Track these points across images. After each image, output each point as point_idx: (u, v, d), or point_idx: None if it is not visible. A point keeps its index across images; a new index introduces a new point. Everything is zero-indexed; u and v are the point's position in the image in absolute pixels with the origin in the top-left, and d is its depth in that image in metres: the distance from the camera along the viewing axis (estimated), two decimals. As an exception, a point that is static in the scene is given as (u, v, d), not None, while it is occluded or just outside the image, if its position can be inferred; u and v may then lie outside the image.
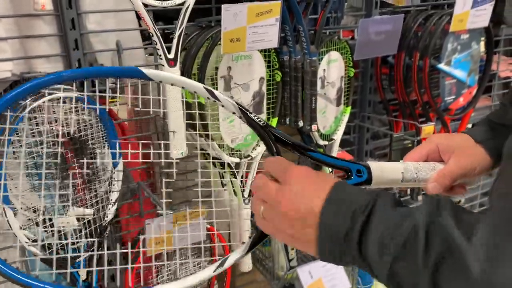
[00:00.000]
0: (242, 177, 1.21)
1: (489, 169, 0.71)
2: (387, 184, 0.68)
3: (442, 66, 1.45)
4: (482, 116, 2.11)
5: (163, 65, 0.95)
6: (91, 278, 1.01)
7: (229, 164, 1.16)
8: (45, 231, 0.95)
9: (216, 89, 1.08)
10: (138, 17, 1.22)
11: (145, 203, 1.28)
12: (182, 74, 1.04)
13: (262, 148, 1.21)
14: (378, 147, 1.87)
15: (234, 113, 0.69)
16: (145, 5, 0.92)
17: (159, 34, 0.93)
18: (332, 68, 1.33)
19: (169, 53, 0.94)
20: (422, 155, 0.71)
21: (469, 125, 2.03)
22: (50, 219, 0.95)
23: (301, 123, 1.25)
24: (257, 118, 0.68)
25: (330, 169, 0.70)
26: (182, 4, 0.96)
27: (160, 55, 0.94)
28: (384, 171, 0.66)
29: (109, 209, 1.02)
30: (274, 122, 1.22)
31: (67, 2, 1.02)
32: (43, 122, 0.88)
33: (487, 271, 0.41)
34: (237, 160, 1.16)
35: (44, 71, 1.07)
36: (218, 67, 1.06)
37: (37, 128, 0.87)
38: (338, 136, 1.42)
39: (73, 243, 0.97)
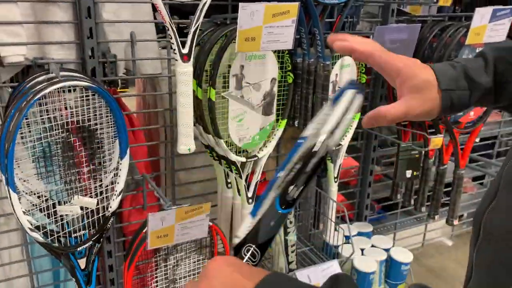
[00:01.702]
0: (247, 177, 1.20)
1: (432, 115, 0.68)
2: None
3: (455, 78, 1.43)
4: (492, 130, 2.07)
5: (177, 60, 0.94)
6: (91, 268, 1.01)
7: (234, 163, 1.15)
8: (48, 217, 0.95)
9: (228, 87, 1.08)
10: (154, 9, 1.22)
11: (148, 196, 1.28)
12: (195, 70, 1.04)
13: (269, 149, 1.21)
14: (385, 155, 1.86)
15: None
16: (163, -1, 0.92)
17: (174, 28, 0.93)
18: (344, 73, 1.32)
19: (183, 47, 0.94)
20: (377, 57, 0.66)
21: (477, 139, 2.01)
22: (54, 206, 0.95)
23: (309, 127, 1.24)
24: None
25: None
26: (200, -1, 0.95)
27: (174, 49, 0.93)
28: None
29: (113, 199, 1.02)
30: (283, 124, 1.21)
31: (84, -10, 1.02)
32: (53, 109, 0.88)
33: None
34: (243, 159, 1.16)
35: (57, 57, 1.07)
36: (231, 65, 1.06)
37: (47, 115, 0.87)
38: (345, 142, 1.41)
39: (75, 232, 0.97)
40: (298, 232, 1.56)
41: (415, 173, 1.55)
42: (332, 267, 1.34)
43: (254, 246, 0.53)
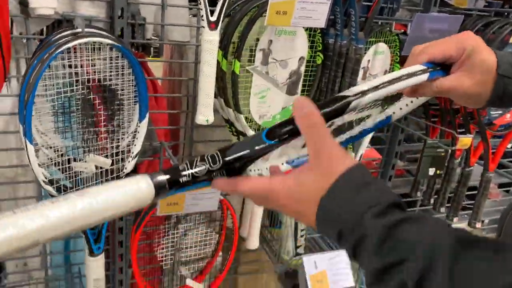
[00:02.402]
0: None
1: (479, 102, 0.65)
2: None
3: (494, 77, 1.36)
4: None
5: (204, 27, 0.92)
6: (101, 227, 1.01)
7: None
8: (63, 172, 0.95)
9: (253, 61, 1.05)
10: (188, -26, 1.19)
11: (164, 163, 1.28)
12: (222, 40, 1.01)
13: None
14: (410, 151, 1.81)
15: None
16: (196, -38, 0.89)
17: (204, -6, 0.90)
18: (377, 60, 1.27)
19: (211, 15, 0.91)
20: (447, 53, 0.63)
21: (510, 145, 1.93)
22: (69, 162, 0.95)
23: (334, 111, 1.20)
24: None
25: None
26: (234, -33, 0.92)
27: (202, 16, 0.91)
28: None
29: (128, 161, 1.02)
30: (306, 105, 1.18)
31: None
32: (75, 64, 0.87)
33: None
34: (262, 137, 1.14)
35: (86, 14, 1.06)
36: (259, 38, 1.03)
37: (69, 69, 0.87)
38: (369, 135, 1.37)
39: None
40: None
41: (438, 171, 1.50)
42: (340, 257, 1.31)
43: (220, 154, 0.52)
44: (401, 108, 0.73)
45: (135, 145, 1.02)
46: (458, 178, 1.60)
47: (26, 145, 0.83)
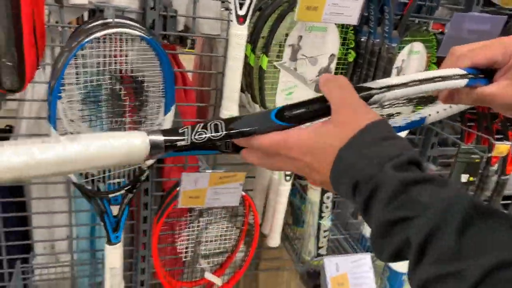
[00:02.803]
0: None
1: None
2: None
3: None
4: None
5: (232, 21, 0.91)
6: (121, 215, 1.03)
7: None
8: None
9: (282, 57, 1.03)
10: (220, -33, 1.19)
11: (190, 157, 1.29)
12: (252, 35, 1.00)
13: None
14: (443, 155, 1.74)
15: None
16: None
17: (234, -13, 0.89)
18: (412, 61, 1.23)
19: (240, 9, 0.90)
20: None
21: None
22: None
23: (364, 111, 1.17)
24: None
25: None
26: (266, -40, 0.91)
27: (231, 10, 0.90)
28: None
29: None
30: (335, 104, 1.15)
31: None
32: (104, 54, 0.88)
33: None
34: (288, 134, 1.12)
35: (118, 5, 1.07)
36: (288, 34, 1.01)
37: (97, 59, 0.88)
38: (401, 135, 1.33)
39: (109, 178, 0.99)
40: (336, 219, 1.52)
41: (471, 178, 1.43)
42: (364, 260, 1.28)
43: (224, 123, 0.50)
44: (438, 112, 0.70)
45: (160, 136, 1.02)
46: (493, 186, 1.53)
47: (50, 131, 0.85)
